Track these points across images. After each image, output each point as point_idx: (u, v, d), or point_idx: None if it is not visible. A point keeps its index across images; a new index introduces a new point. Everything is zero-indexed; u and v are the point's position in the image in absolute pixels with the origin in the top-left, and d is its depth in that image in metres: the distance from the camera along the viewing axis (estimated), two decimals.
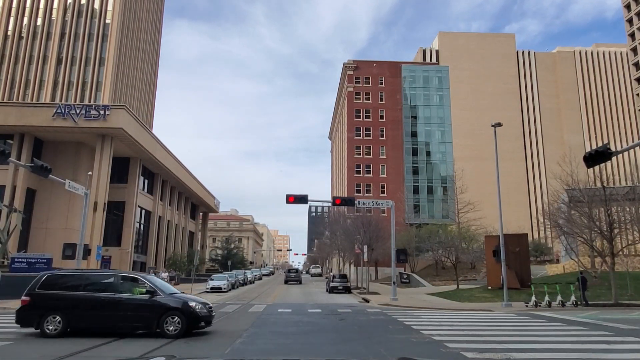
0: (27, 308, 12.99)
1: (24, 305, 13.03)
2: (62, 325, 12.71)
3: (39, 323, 12.72)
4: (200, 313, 13.26)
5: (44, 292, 13.18)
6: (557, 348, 11.38)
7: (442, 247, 44.54)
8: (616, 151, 15.98)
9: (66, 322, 12.77)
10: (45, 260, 31.09)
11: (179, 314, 12.94)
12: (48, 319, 12.72)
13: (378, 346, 11.38)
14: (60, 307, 12.88)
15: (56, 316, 12.74)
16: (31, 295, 13.10)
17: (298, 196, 27.38)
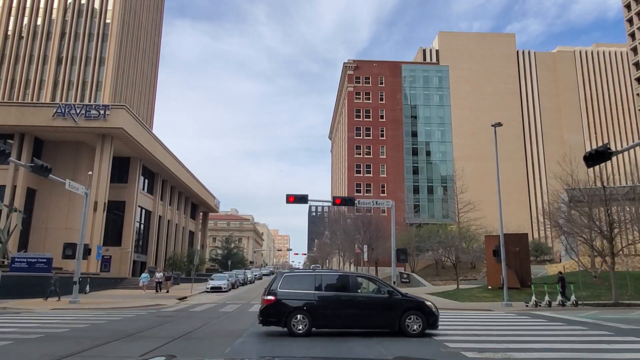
0: (272, 307, 12.99)
1: (269, 304, 13.03)
2: (308, 324, 12.78)
3: (286, 322, 12.79)
4: (436, 313, 13.35)
5: (287, 291, 13.19)
6: (557, 348, 11.38)
7: (442, 247, 44.53)
8: (616, 151, 15.99)
9: (311, 321, 12.81)
10: (46, 260, 31.16)
11: (419, 314, 12.99)
12: (295, 318, 12.80)
13: (378, 346, 11.38)
14: (306, 306, 12.92)
15: (302, 315, 12.81)
16: (276, 294, 13.10)
17: (298, 196, 27.37)
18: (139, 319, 18.08)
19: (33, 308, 22.31)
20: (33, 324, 15.86)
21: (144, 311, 21.92)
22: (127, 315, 19.71)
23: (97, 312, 21.26)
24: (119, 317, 18.51)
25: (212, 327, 15.79)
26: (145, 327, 15.07)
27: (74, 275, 26.62)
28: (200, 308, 24.03)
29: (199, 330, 14.44)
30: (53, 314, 19.92)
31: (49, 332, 13.58)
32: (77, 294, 25.71)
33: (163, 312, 21.68)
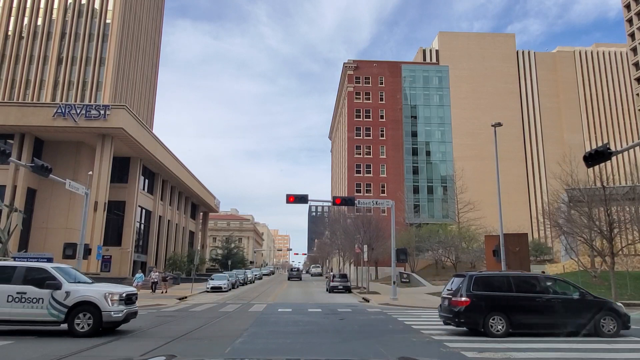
0: (468, 309, 13.00)
1: (464, 306, 13.04)
2: (505, 325, 12.80)
3: (484, 324, 12.80)
4: (627, 314, 13.32)
5: (481, 293, 13.20)
6: (557, 347, 11.41)
7: (442, 247, 44.63)
8: (616, 151, 16.00)
9: (509, 322, 12.83)
10: (46, 260, 31.04)
11: (614, 315, 13.01)
12: (492, 319, 12.82)
13: (378, 346, 11.40)
14: (501, 308, 12.94)
15: (499, 317, 12.83)
16: (470, 296, 13.10)
17: (298, 196, 27.40)
18: (139, 318, 18.06)
19: None
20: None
21: (144, 311, 21.93)
22: None
23: None
24: None
25: (212, 327, 15.81)
26: (145, 327, 15.09)
27: None
28: (200, 308, 24.05)
29: (199, 330, 14.46)
30: None
31: (49, 332, 13.59)
32: None
33: (163, 312, 21.70)
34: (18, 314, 12.41)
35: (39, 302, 12.42)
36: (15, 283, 12.68)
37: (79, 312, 12.45)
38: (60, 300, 12.46)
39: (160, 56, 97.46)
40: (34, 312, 12.42)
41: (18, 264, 14.15)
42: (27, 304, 12.41)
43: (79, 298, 12.52)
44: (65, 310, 12.41)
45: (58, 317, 12.44)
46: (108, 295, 12.70)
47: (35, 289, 12.52)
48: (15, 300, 12.42)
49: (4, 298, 12.42)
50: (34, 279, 12.75)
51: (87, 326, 12.39)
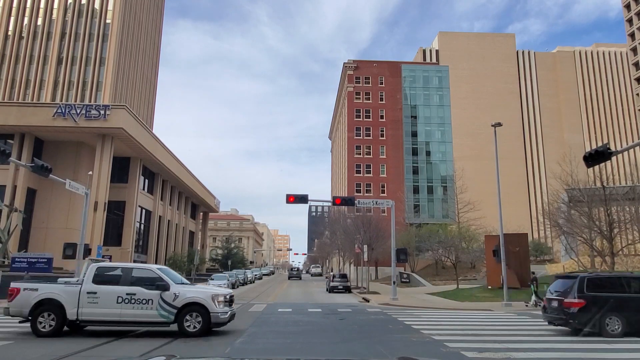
0: (584, 310, 13.05)
1: (581, 307, 13.09)
2: (621, 326, 12.88)
3: (600, 324, 12.87)
4: None
5: (595, 294, 13.26)
6: (557, 347, 11.40)
7: (442, 247, 44.54)
8: (616, 151, 16.00)
9: (625, 322, 12.91)
10: (46, 260, 31.12)
11: None
12: (609, 319, 12.89)
13: (378, 346, 11.40)
14: (616, 308, 13.01)
15: (616, 317, 12.91)
16: (584, 297, 13.16)
17: (298, 196, 27.39)
18: None
19: None
20: None
21: None
22: None
23: None
24: None
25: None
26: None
27: (75, 275, 26.64)
28: None
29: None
30: None
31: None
32: None
33: None
34: (128, 315, 12.52)
35: (148, 303, 12.52)
36: (124, 284, 12.81)
37: (188, 313, 12.56)
38: (169, 301, 12.58)
39: (160, 56, 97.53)
40: (144, 313, 12.53)
41: (125, 265, 14.40)
42: (137, 305, 12.52)
43: (188, 299, 12.64)
44: (175, 312, 12.52)
45: (168, 318, 12.55)
46: (215, 296, 12.87)
47: (145, 290, 12.63)
48: (125, 302, 12.52)
49: (113, 299, 12.54)
50: (141, 280, 12.88)
51: (197, 326, 12.52)
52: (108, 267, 14.23)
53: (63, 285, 13.13)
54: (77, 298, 12.52)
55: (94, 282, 12.80)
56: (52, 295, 12.53)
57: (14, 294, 12.66)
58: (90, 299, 12.52)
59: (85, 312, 12.47)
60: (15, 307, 12.56)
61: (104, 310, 12.48)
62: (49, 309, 12.42)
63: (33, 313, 12.38)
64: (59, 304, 12.43)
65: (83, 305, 12.47)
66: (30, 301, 12.41)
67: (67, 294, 12.60)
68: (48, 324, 12.36)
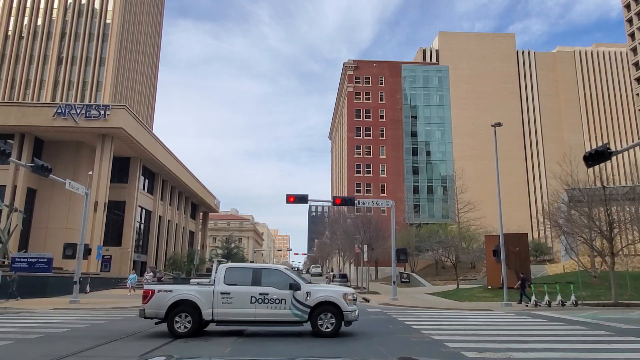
0: None
1: None
2: None
3: None
4: None
5: None
6: (557, 347, 11.40)
7: (442, 247, 44.57)
8: (616, 151, 16.01)
9: None
10: (46, 260, 31.14)
11: None
12: None
13: (378, 346, 11.39)
14: None
15: None
16: None
17: (298, 196, 27.40)
18: (139, 318, 18.07)
19: (33, 308, 22.32)
20: (33, 324, 15.88)
21: None
22: (128, 315, 19.71)
23: (98, 312, 21.28)
24: (119, 317, 18.52)
25: (211, 327, 15.79)
26: (145, 327, 15.08)
27: (75, 275, 26.65)
28: None
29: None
30: (53, 314, 19.93)
31: (49, 332, 13.59)
32: (77, 294, 25.73)
33: None
34: (262, 315, 12.59)
35: (281, 303, 12.60)
36: (255, 284, 12.89)
37: (321, 312, 12.63)
38: (302, 300, 12.63)
39: (160, 56, 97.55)
40: (277, 313, 12.60)
41: (254, 265, 14.58)
42: (271, 304, 12.59)
43: (321, 298, 12.70)
44: (308, 311, 12.59)
45: (301, 317, 12.62)
46: (345, 295, 12.90)
47: (277, 290, 12.70)
48: (259, 302, 12.61)
49: (247, 299, 12.62)
50: (271, 280, 12.96)
51: (330, 326, 12.58)
52: (238, 267, 14.28)
53: (197, 286, 13.17)
54: (211, 299, 12.60)
55: (226, 282, 12.89)
56: (187, 296, 12.62)
57: (149, 295, 12.73)
58: (224, 299, 12.63)
59: (220, 313, 12.59)
60: (151, 308, 12.66)
61: (239, 310, 12.59)
62: (185, 309, 12.52)
63: (169, 314, 12.50)
64: (194, 304, 12.53)
65: (218, 306, 12.59)
66: (166, 302, 12.50)
67: (202, 294, 12.69)
68: (184, 324, 12.48)
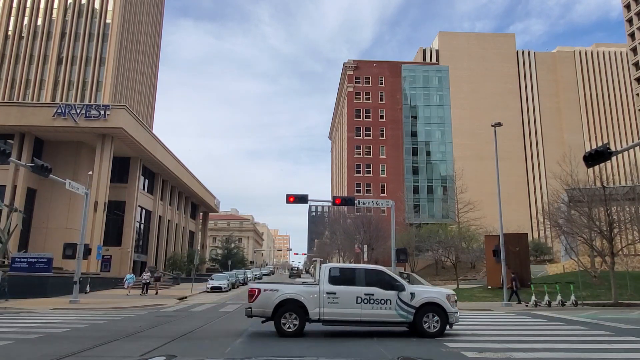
0: None
1: None
2: None
3: None
4: None
5: None
6: (557, 347, 11.40)
7: (442, 247, 44.55)
8: (616, 151, 16.01)
9: None
10: (46, 260, 31.16)
11: None
12: None
13: (378, 345, 11.40)
14: None
15: None
16: None
17: (298, 196, 27.39)
18: (139, 319, 18.10)
19: (33, 308, 22.32)
20: (33, 324, 15.88)
21: (144, 311, 21.95)
22: (128, 315, 19.73)
23: (98, 312, 21.28)
24: (119, 317, 18.52)
25: (212, 327, 15.80)
26: (145, 327, 15.09)
27: (75, 275, 26.64)
28: (200, 308, 24.05)
29: (199, 330, 14.45)
30: (53, 314, 19.94)
31: (49, 332, 13.59)
32: (77, 294, 25.73)
33: (163, 312, 21.70)
34: (368, 315, 12.65)
35: (386, 304, 12.65)
36: (359, 285, 12.91)
37: (425, 313, 12.66)
38: (406, 301, 12.68)
39: (160, 56, 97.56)
40: (383, 313, 12.66)
41: (356, 266, 14.51)
42: (376, 305, 12.63)
43: (425, 299, 12.75)
44: (413, 312, 12.62)
45: (407, 318, 12.66)
46: (449, 296, 12.98)
47: (382, 291, 12.74)
48: (364, 302, 12.65)
49: (352, 299, 12.65)
50: (374, 281, 13.01)
51: (436, 325, 12.61)
52: (341, 268, 14.25)
53: (302, 286, 13.25)
54: (317, 298, 12.66)
55: (330, 282, 12.92)
56: (294, 296, 12.70)
57: (255, 294, 12.79)
58: (330, 299, 12.67)
59: (327, 312, 12.62)
60: (257, 307, 12.75)
61: (345, 310, 12.61)
62: (291, 309, 12.60)
63: (275, 313, 12.55)
64: (301, 304, 12.61)
65: (324, 306, 12.64)
66: (273, 301, 12.59)
67: (308, 294, 12.75)
68: (292, 323, 12.58)
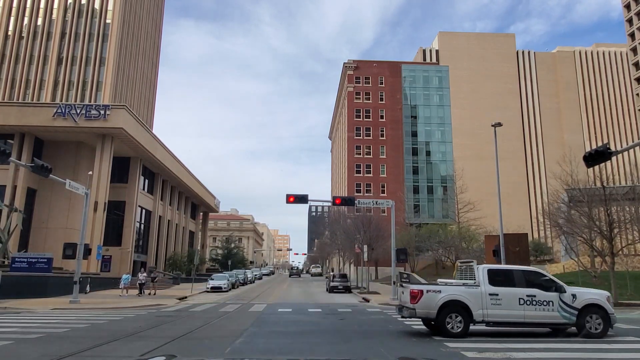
0: None
1: None
2: None
3: None
4: None
5: None
6: (557, 347, 11.41)
7: (442, 247, 44.60)
8: (616, 151, 16.00)
9: None
10: (46, 260, 31.16)
11: None
12: None
13: (378, 346, 11.40)
14: None
15: None
16: None
17: (298, 196, 27.39)
18: (139, 319, 18.10)
19: (33, 308, 22.32)
20: (33, 324, 15.88)
21: (144, 311, 21.95)
22: (128, 315, 19.73)
23: (98, 312, 21.28)
24: (119, 317, 18.53)
25: (212, 327, 15.81)
26: (145, 327, 15.09)
27: (75, 275, 26.63)
28: (200, 308, 24.05)
29: (199, 330, 14.45)
30: (53, 314, 19.94)
31: (49, 332, 13.59)
32: (77, 294, 25.72)
33: (163, 312, 21.70)
34: (531, 317, 12.70)
35: (548, 305, 12.67)
36: (519, 286, 12.95)
37: (587, 314, 12.66)
38: (569, 303, 12.69)
39: (160, 56, 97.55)
40: (546, 315, 12.69)
41: (513, 267, 14.46)
42: (539, 306, 12.66)
43: (587, 301, 12.77)
44: (576, 313, 12.64)
45: (570, 319, 12.70)
46: (608, 297, 13.09)
47: (543, 292, 12.77)
48: (527, 303, 12.69)
49: (515, 301, 12.71)
50: (534, 282, 13.06)
51: (598, 327, 12.63)
52: (499, 269, 14.20)
53: (464, 287, 13.23)
54: (480, 299, 12.69)
55: (490, 283, 12.95)
56: (457, 297, 12.73)
57: (418, 296, 12.82)
58: (493, 300, 12.72)
59: (490, 314, 12.69)
60: (421, 308, 12.76)
61: (508, 312, 12.66)
62: (455, 310, 12.62)
63: (439, 314, 12.59)
64: (464, 305, 12.65)
65: (487, 307, 12.68)
66: (436, 303, 12.62)
67: (470, 295, 12.80)
68: (456, 325, 12.61)
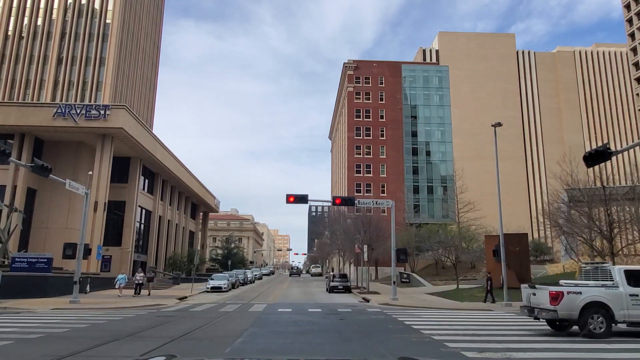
0: None
1: None
2: None
3: None
4: None
5: None
6: (557, 347, 11.41)
7: (442, 247, 44.54)
8: (616, 151, 16.01)
9: None
10: (46, 260, 31.17)
11: None
12: None
13: (378, 346, 11.40)
14: None
15: None
16: None
17: (298, 196, 27.40)
18: (139, 318, 18.11)
19: (33, 308, 22.32)
20: (33, 324, 15.88)
21: (144, 311, 21.95)
22: (128, 315, 19.73)
23: (98, 312, 21.28)
24: (119, 317, 18.53)
25: (212, 327, 15.81)
26: (145, 327, 15.09)
27: (75, 275, 26.63)
28: (200, 308, 24.05)
29: (199, 330, 14.46)
30: (53, 314, 19.94)
31: (49, 332, 13.59)
32: (77, 294, 25.72)
33: (163, 312, 21.70)
34: (637, 316, 12.93)
35: None
36: None
37: None
38: None
39: (160, 56, 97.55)
40: None
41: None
42: None
43: None
44: None
45: None
46: None
47: None
48: (632, 303, 12.91)
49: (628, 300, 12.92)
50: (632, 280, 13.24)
51: None
52: (635, 270, 14.22)
53: (604, 288, 13.31)
54: (621, 300, 12.82)
55: (629, 284, 13.08)
56: (599, 298, 12.85)
57: (559, 297, 12.92)
58: (634, 301, 12.85)
59: (632, 314, 12.83)
60: (563, 310, 12.85)
61: None
62: (597, 311, 12.75)
63: (581, 316, 12.73)
64: (605, 305, 12.75)
65: (628, 307, 12.81)
66: (578, 304, 12.76)
67: (611, 296, 12.92)
68: (598, 325, 12.72)
